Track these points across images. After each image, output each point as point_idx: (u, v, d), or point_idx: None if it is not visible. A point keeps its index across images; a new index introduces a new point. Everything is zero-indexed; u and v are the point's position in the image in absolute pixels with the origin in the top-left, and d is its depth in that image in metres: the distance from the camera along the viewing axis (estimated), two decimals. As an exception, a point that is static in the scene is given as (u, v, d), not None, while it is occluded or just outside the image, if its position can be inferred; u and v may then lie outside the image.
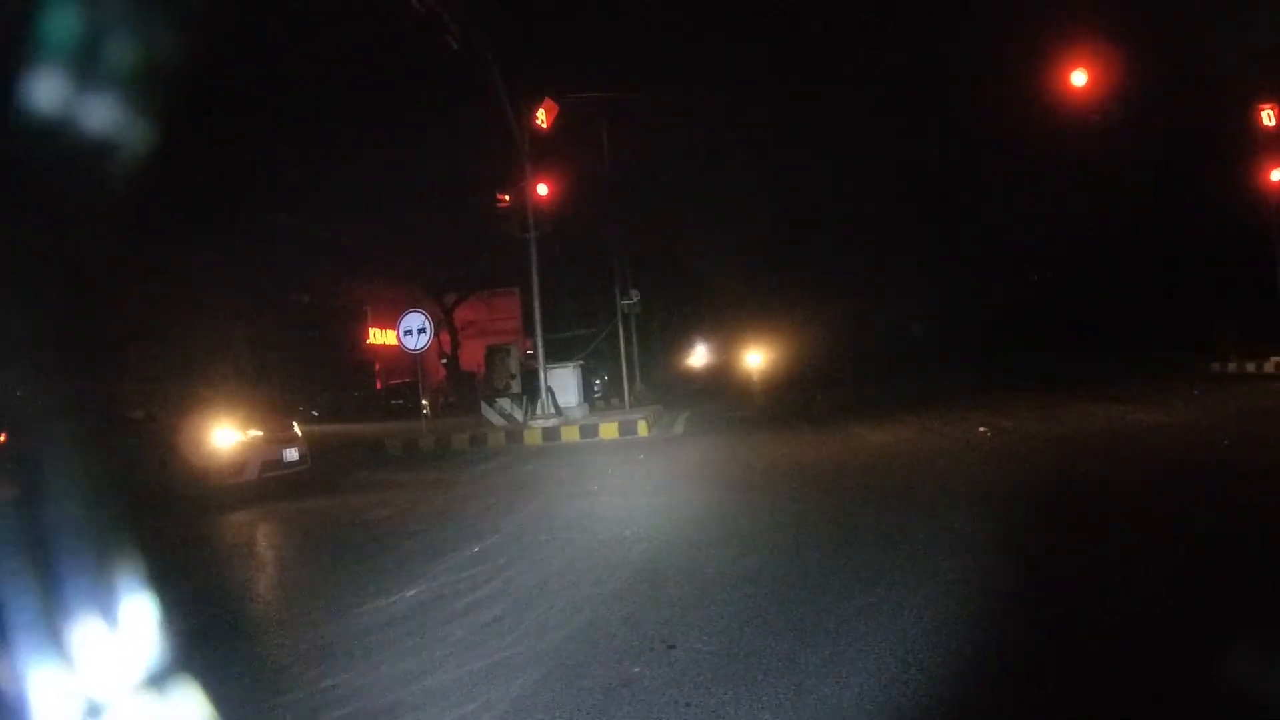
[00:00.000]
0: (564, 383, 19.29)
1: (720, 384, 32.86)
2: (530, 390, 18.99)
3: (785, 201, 36.74)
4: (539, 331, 18.37)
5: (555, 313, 34.77)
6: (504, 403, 19.22)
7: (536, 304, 18.32)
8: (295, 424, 13.23)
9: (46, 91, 2.36)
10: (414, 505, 9.88)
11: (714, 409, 22.93)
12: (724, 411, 21.74)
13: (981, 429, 13.26)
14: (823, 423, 16.75)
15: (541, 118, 19.24)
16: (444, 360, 35.43)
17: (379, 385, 41.25)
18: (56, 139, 2.41)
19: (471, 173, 23.48)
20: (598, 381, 25.54)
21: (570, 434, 17.11)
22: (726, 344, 39.20)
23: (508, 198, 19.37)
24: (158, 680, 2.18)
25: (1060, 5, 24.87)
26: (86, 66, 2.47)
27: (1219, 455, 9.71)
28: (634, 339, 26.46)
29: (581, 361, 20.92)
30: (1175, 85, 24.53)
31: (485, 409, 19.41)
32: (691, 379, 34.72)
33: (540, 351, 18.16)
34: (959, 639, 4.10)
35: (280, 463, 11.67)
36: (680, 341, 35.22)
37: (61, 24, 2.40)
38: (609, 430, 16.89)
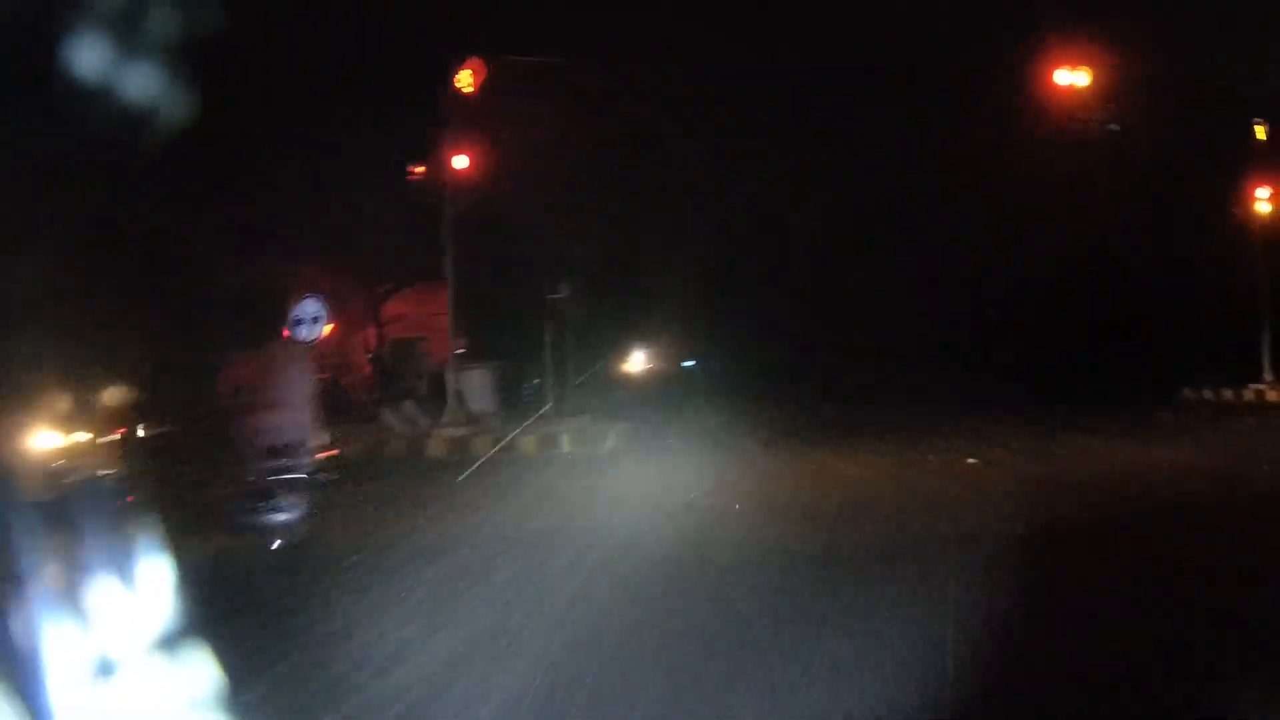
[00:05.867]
0: (477, 386, 16.63)
1: (666, 392, 30.43)
2: (442, 393, 16.33)
3: (742, 202, 34.47)
4: (452, 325, 15.74)
5: (487, 307, 32.13)
6: (408, 406, 16.53)
7: (451, 291, 15.70)
8: (118, 432, 10.75)
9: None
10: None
11: (655, 420, 20.44)
12: (665, 424, 19.25)
13: (970, 460, 10.99)
14: (781, 446, 14.33)
15: (466, 80, 16.65)
16: (370, 356, 32.31)
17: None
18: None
19: (399, 150, 20.68)
20: (532, 384, 22.86)
21: (481, 446, 14.47)
22: (675, 349, 36.77)
23: (423, 169, 16.73)
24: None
25: (1046, 9, 23.11)
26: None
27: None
28: (567, 339, 23.89)
29: (500, 362, 18.25)
30: (1161, 94, 22.77)
31: (385, 413, 16.67)
32: (634, 385, 32.21)
33: (451, 348, 15.52)
34: None
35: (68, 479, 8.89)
36: (623, 344, 32.62)
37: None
38: (527, 444, 14.31)
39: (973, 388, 28.74)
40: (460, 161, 16.39)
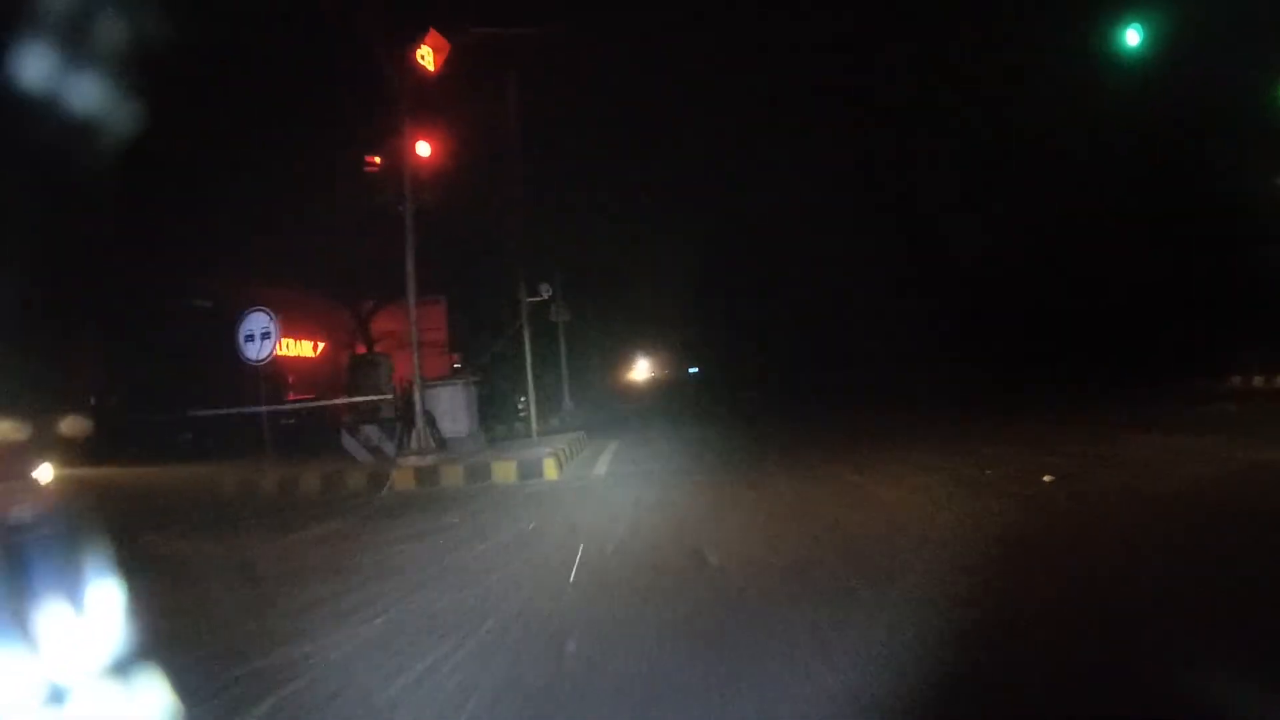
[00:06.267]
0: (449, 405, 14.53)
1: (669, 403, 28.29)
2: (411, 416, 14.22)
3: (737, 199, 32.40)
4: (415, 336, 13.65)
5: (474, 320, 29.98)
6: (370, 431, 14.45)
7: (411, 298, 13.63)
8: (43, 468, 9.06)
9: None
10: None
11: (653, 437, 18.36)
12: (669, 442, 17.17)
13: (1046, 478, 8.91)
14: (803, 464, 12.27)
15: (426, 56, 14.60)
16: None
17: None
18: None
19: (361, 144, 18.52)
20: (522, 400, 20.68)
21: (452, 475, 12.39)
22: (678, 356, 34.71)
23: (379, 160, 14.66)
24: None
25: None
26: None
27: None
28: (561, 350, 21.81)
29: (477, 379, 16.14)
30: (1186, 54, 20.66)
31: (345, 439, 14.56)
32: (635, 395, 30.07)
33: (417, 363, 13.43)
34: None
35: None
36: (621, 352, 30.45)
37: None
38: (504, 471, 12.21)
39: (998, 383, 26.78)
40: (422, 149, 14.33)
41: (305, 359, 30.20)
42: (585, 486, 11.18)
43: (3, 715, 2.95)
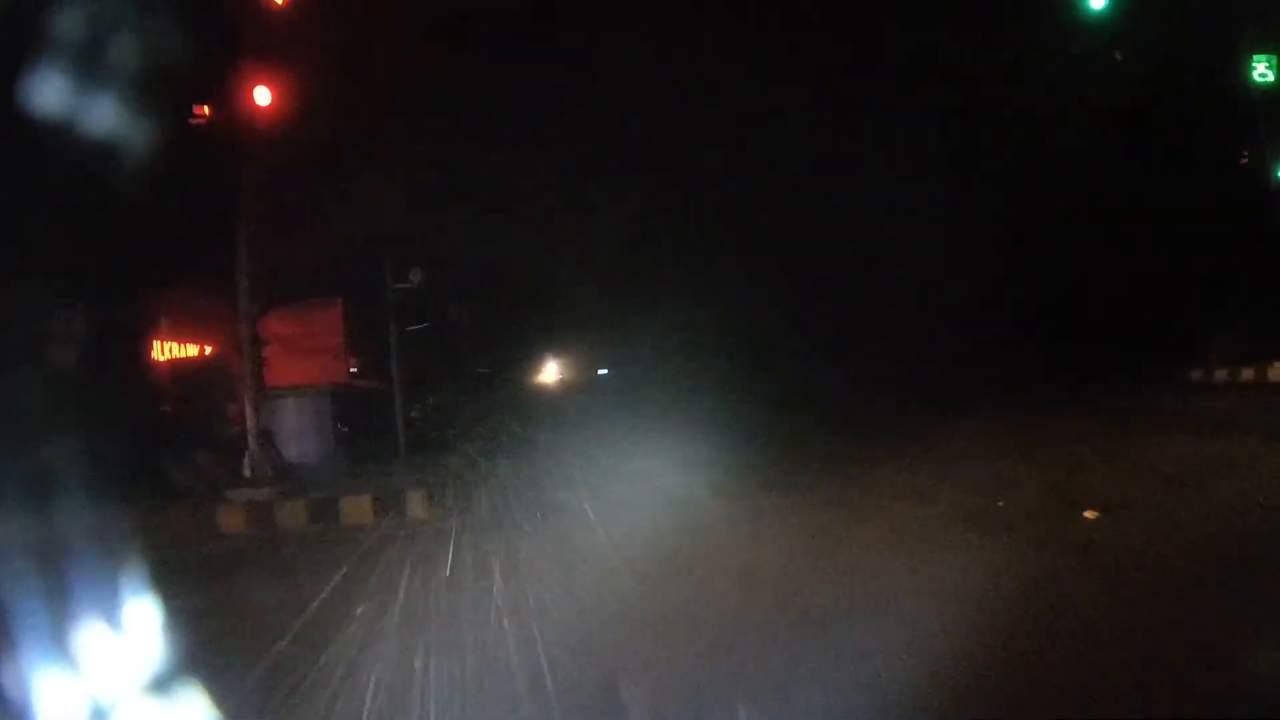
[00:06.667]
0: (298, 424, 11.51)
1: (578, 409, 25.35)
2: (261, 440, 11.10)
3: (662, 170, 29.45)
4: (249, 334, 10.62)
5: (369, 320, 26.70)
6: (200, 457, 11.38)
7: (243, 287, 10.60)
8: None
9: None
10: None
11: (561, 453, 15.44)
12: (574, 458, 14.27)
13: (1088, 514, 6.41)
14: (754, 493, 9.56)
15: (270, -21, 11.62)
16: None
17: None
18: None
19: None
20: (419, 409, 17.55)
21: (292, 514, 9.42)
22: (585, 356, 31.93)
23: (207, 110, 11.59)
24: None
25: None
26: None
27: None
28: (462, 354, 18.78)
29: (339, 387, 13.13)
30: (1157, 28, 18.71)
31: (170, 468, 11.42)
32: (537, 400, 27.14)
33: (249, 373, 10.39)
34: None
35: None
36: (522, 352, 27.41)
37: None
38: (357, 509, 9.28)
39: (977, 380, 23.91)
40: (262, 96, 11.30)
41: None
42: (463, 529, 8.33)
43: None
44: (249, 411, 10.22)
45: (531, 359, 28.14)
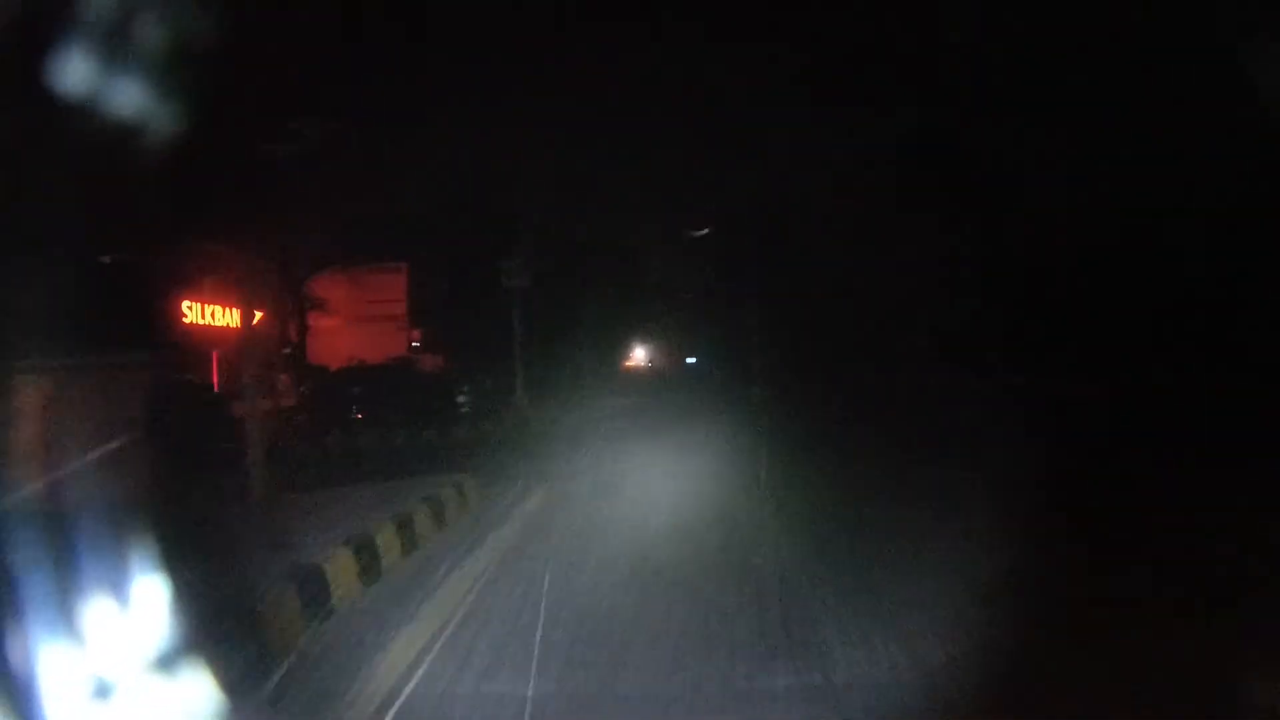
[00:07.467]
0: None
1: (663, 402, 23.33)
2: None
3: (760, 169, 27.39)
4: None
5: (441, 290, 25.21)
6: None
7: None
8: None
9: None
10: None
11: (642, 462, 13.55)
12: (656, 470, 12.42)
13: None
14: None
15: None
16: (286, 351, 23.45)
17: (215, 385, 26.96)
18: None
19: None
20: (461, 394, 16.00)
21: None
22: (674, 343, 30.09)
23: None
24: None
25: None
26: None
27: None
28: (515, 326, 16.60)
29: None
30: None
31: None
32: (621, 390, 25.29)
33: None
34: None
35: None
36: (605, 336, 25.55)
37: None
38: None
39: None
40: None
41: (233, 330, 19.49)
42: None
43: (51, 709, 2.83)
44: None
45: (619, 345, 26.31)
